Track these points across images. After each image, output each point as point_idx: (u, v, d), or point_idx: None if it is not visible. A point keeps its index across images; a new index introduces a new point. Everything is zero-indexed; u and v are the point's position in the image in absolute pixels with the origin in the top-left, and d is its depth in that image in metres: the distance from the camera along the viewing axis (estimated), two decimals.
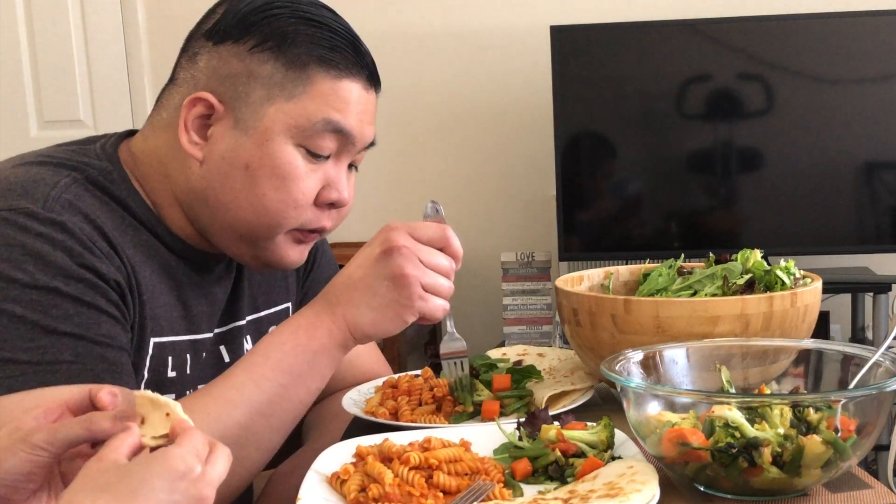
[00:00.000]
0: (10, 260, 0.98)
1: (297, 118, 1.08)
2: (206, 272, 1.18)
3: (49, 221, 1.00)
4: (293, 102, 1.08)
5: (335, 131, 1.10)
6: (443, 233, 1.10)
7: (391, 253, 1.07)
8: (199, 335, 1.18)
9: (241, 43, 1.08)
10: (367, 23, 2.96)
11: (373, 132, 1.15)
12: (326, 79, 1.09)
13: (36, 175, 1.05)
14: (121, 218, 1.08)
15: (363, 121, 1.12)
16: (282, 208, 1.09)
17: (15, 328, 0.96)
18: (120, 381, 1.00)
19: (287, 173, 1.09)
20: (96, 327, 1.00)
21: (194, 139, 1.09)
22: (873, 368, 0.97)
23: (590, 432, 1.00)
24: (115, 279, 1.03)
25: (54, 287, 0.98)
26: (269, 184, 1.09)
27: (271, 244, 1.13)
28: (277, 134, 1.08)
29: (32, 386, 0.95)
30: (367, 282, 1.08)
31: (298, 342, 1.08)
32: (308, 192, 1.10)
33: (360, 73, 1.11)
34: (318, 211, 1.13)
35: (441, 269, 1.09)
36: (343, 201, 1.14)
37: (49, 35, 3.06)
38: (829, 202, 2.56)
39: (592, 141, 2.66)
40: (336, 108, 1.09)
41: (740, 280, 1.24)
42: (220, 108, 1.08)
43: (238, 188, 1.09)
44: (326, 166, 1.12)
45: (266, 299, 1.30)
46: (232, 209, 1.10)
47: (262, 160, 1.08)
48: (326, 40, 1.09)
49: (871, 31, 2.51)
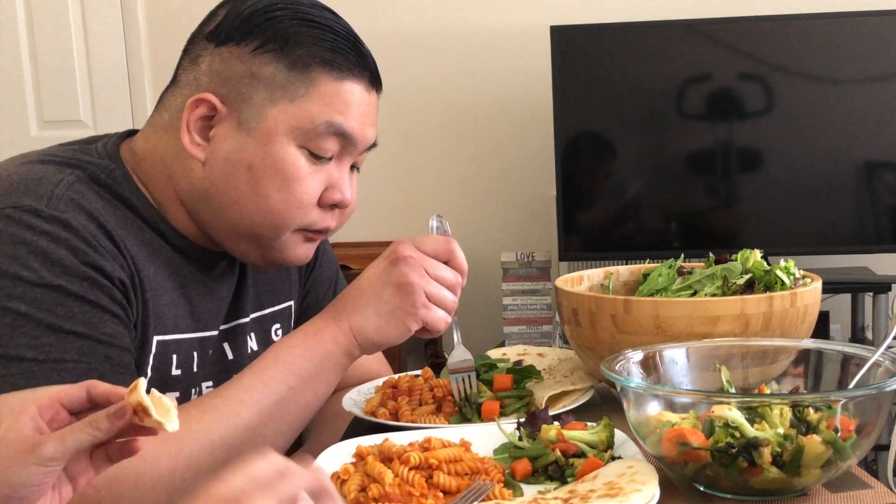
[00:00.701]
0: (15, 258, 0.98)
1: (299, 119, 1.08)
2: (210, 270, 1.18)
3: (53, 219, 1.00)
4: (296, 104, 1.08)
5: (337, 133, 1.10)
6: (448, 246, 1.13)
7: (397, 262, 1.10)
8: (206, 332, 1.18)
9: (243, 45, 1.08)
10: (367, 23, 2.96)
11: (374, 133, 1.16)
12: (329, 80, 1.09)
13: (40, 173, 1.05)
14: (124, 216, 1.09)
15: (365, 122, 1.13)
16: (285, 209, 1.10)
17: (20, 326, 0.96)
18: (123, 379, 1.00)
19: (290, 174, 1.09)
20: (101, 326, 1.00)
21: (196, 140, 1.10)
22: (873, 368, 0.97)
23: (590, 432, 1.00)
24: (120, 277, 1.04)
25: (59, 285, 0.98)
26: (272, 185, 1.09)
27: (278, 243, 1.14)
28: (280, 135, 1.08)
29: (37, 384, 0.95)
30: (373, 290, 1.11)
31: (306, 347, 1.11)
32: (311, 193, 1.11)
33: (362, 75, 1.12)
34: (323, 212, 1.14)
35: (445, 282, 1.12)
36: (346, 202, 1.15)
37: (49, 35, 3.06)
38: (829, 202, 2.56)
39: (592, 141, 2.65)
40: (338, 111, 1.10)
41: (740, 280, 1.24)
42: (222, 109, 1.09)
43: (242, 189, 1.10)
44: (329, 167, 1.13)
45: (270, 297, 1.30)
46: (236, 210, 1.11)
47: (265, 161, 1.09)
48: (328, 42, 1.09)
49: (871, 31, 2.51)
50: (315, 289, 1.37)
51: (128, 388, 0.74)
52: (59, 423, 0.75)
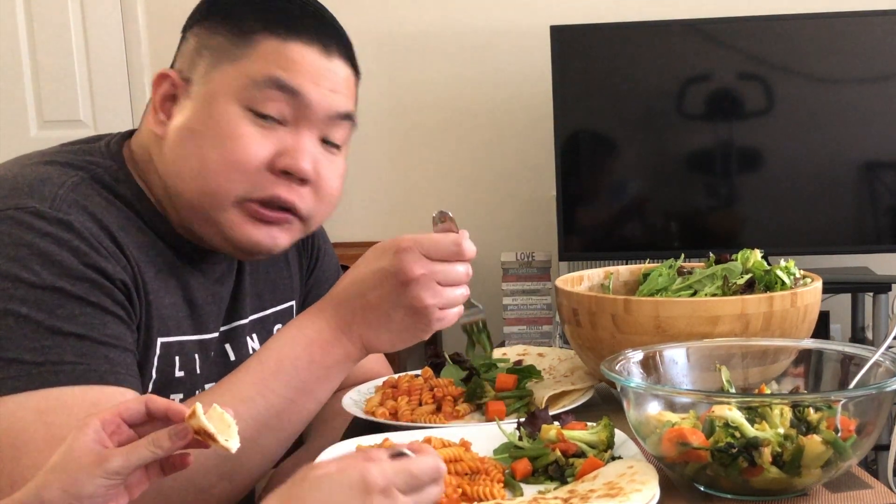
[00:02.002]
0: (17, 259, 0.97)
1: (239, 78, 1.07)
2: (209, 272, 1.18)
3: (56, 221, 1.00)
4: (236, 65, 1.07)
5: (280, 88, 1.06)
6: (457, 248, 1.05)
7: (409, 285, 1.03)
8: (207, 335, 1.18)
9: (201, 23, 1.11)
10: (367, 23, 2.96)
11: (341, 102, 1.11)
12: (271, 40, 1.07)
13: (43, 174, 1.05)
14: (126, 218, 1.08)
15: (320, 85, 1.08)
16: (222, 170, 1.05)
17: (20, 328, 0.96)
18: (124, 381, 1.00)
19: (226, 133, 1.05)
20: (101, 327, 1.00)
21: (161, 118, 1.11)
22: (873, 368, 0.97)
23: (590, 432, 1.00)
24: (122, 279, 1.03)
25: (60, 287, 0.98)
26: (208, 144, 1.06)
27: (225, 218, 1.08)
28: (221, 95, 1.07)
29: (36, 386, 0.95)
30: (384, 308, 1.05)
31: (313, 359, 1.06)
32: (251, 155, 1.06)
33: (314, 39, 1.09)
34: (273, 178, 1.07)
35: (458, 282, 1.06)
36: (298, 169, 1.08)
37: (49, 35, 3.06)
38: (829, 202, 2.56)
39: (592, 141, 2.65)
40: (281, 67, 1.07)
41: (740, 280, 1.24)
42: (180, 84, 1.10)
43: (185, 155, 1.08)
44: (281, 133, 1.08)
45: (271, 297, 1.30)
46: (181, 178, 1.08)
47: (206, 122, 1.07)
48: (275, 8, 1.08)
49: (871, 31, 2.51)
50: (316, 289, 1.37)
51: (161, 396, 0.80)
52: (119, 435, 0.79)
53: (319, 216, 1.15)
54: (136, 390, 1.02)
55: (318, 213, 1.14)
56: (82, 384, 0.96)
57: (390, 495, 0.72)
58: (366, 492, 0.71)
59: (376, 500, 0.71)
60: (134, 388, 1.01)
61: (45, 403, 0.94)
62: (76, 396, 0.95)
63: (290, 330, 1.09)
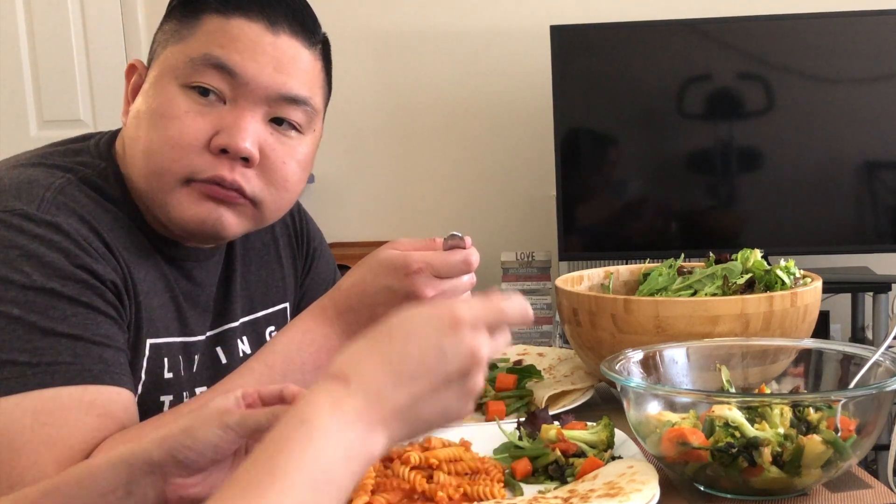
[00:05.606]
0: (7, 261, 0.97)
1: (180, 58, 1.07)
2: (195, 275, 1.17)
3: (44, 223, 1.00)
4: (181, 45, 1.08)
5: (216, 66, 1.05)
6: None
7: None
8: (192, 338, 1.17)
9: (168, 12, 1.11)
10: (367, 23, 2.96)
11: (290, 84, 1.08)
12: (215, 18, 1.07)
13: (31, 177, 1.05)
14: (115, 218, 1.08)
15: (261, 62, 1.06)
16: (163, 150, 1.05)
17: (12, 330, 0.96)
18: (119, 381, 1.00)
19: (166, 112, 1.05)
20: (94, 327, 1.00)
21: (127, 109, 1.12)
22: (873, 368, 0.97)
23: (590, 432, 1.00)
24: (112, 279, 1.03)
25: (51, 288, 0.98)
26: (151, 125, 1.06)
27: (172, 198, 1.06)
28: (163, 76, 1.07)
29: (32, 387, 0.95)
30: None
31: (320, 364, 1.04)
32: (188, 133, 1.04)
33: (260, 15, 1.07)
34: (214, 159, 1.05)
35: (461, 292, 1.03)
36: (235, 147, 1.04)
37: (49, 35, 3.06)
38: (829, 202, 2.56)
39: (592, 140, 2.66)
40: (219, 44, 1.06)
41: (740, 280, 1.24)
42: (144, 73, 1.11)
43: (135, 138, 1.08)
44: (221, 110, 1.06)
45: (262, 300, 1.29)
46: (133, 163, 1.08)
47: (149, 104, 1.07)
48: None
49: (871, 31, 2.51)
50: (312, 290, 1.36)
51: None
52: None
53: (273, 202, 1.11)
54: (132, 390, 1.01)
55: (271, 199, 1.11)
56: (78, 384, 0.96)
57: (478, 329, 0.72)
58: (455, 325, 0.71)
59: (466, 334, 0.71)
60: (129, 387, 1.01)
61: (41, 404, 0.94)
62: (72, 397, 0.95)
63: (296, 334, 1.07)
